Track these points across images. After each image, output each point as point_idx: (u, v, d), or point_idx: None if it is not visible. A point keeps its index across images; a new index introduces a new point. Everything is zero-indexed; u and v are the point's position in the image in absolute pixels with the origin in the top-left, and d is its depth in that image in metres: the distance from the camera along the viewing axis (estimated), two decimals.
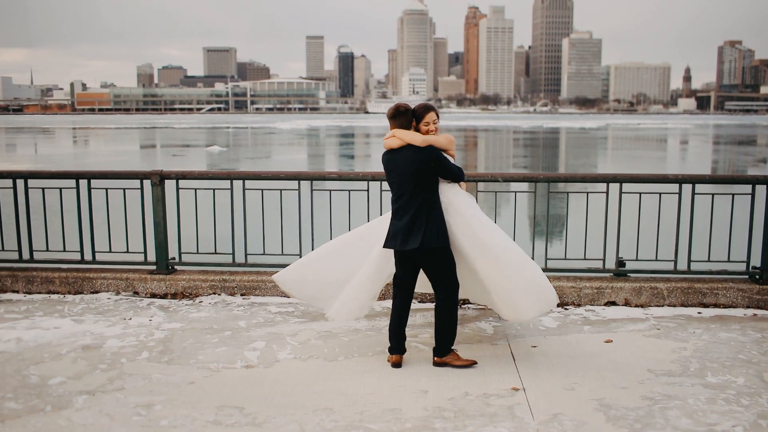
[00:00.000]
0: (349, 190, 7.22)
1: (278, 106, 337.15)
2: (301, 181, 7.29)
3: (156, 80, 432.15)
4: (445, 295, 5.13)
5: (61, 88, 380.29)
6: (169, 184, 7.33)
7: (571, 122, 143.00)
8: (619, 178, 6.96)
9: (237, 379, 4.99)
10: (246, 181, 7.27)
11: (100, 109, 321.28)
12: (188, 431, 4.18)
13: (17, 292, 7.37)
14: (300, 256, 7.30)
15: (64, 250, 7.51)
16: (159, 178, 7.21)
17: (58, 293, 7.33)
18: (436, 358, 5.19)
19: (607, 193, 7.02)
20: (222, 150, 49.25)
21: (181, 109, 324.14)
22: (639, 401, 4.57)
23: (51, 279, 7.35)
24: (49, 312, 6.63)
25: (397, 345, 5.24)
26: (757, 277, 6.95)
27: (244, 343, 5.75)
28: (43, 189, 7.42)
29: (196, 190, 7.37)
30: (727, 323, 6.31)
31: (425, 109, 5.19)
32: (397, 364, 5.19)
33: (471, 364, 5.16)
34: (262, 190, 7.30)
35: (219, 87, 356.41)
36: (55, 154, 46.48)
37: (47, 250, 7.53)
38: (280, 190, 7.31)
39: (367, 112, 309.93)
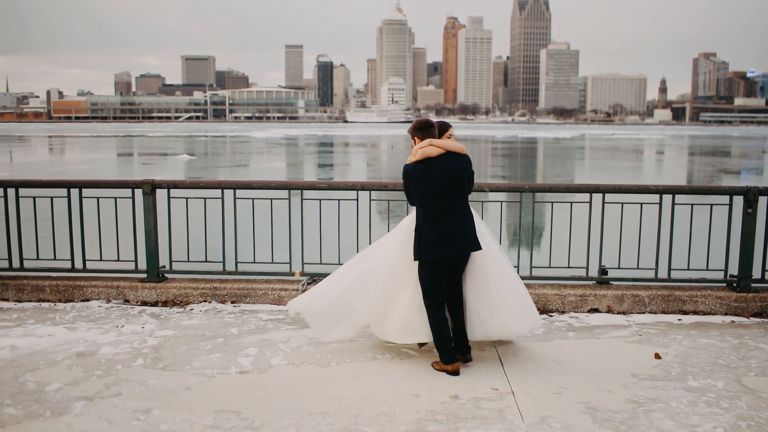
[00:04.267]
0: (339, 200, 7.36)
1: (257, 114, 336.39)
2: (291, 191, 7.41)
3: (134, 88, 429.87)
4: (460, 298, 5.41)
5: (37, 96, 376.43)
6: (161, 193, 7.42)
7: (546, 132, 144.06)
8: (601, 188, 7.15)
9: (232, 384, 5.08)
10: (236, 191, 7.38)
11: (77, 118, 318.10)
12: None
13: (7, 300, 7.40)
14: (289, 264, 7.42)
15: (55, 259, 7.56)
16: (150, 188, 7.30)
17: (48, 301, 7.37)
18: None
19: (590, 202, 7.20)
20: (191, 158, 49.20)
21: (159, 118, 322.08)
22: (624, 404, 4.74)
23: (41, 287, 7.40)
24: (41, 320, 6.68)
25: (462, 348, 5.44)
26: (735, 285, 7.16)
27: (237, 349, 5.84)
28: (34, 198, 7.47)
29: (187, 199, 7.45)
30: (706, 330, 6.50)
31: (446, 124, 5.51)
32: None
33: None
34: (252, 199, 7.41)
35: (197, 95, 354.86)
36: (20, 163, 46.13)
37: (38, 258, 7.57)
38: (270, 199, 7.42)
39: (346, 121, 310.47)
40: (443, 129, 5.48)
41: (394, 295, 5.55)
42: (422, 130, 5.29)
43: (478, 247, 5.28)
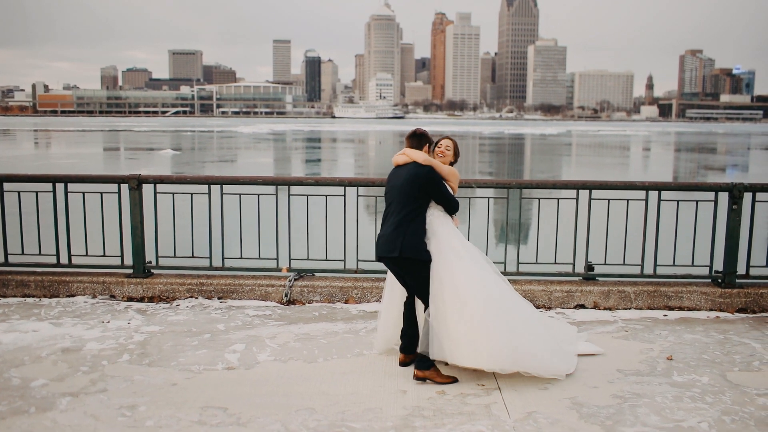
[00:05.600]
0: (326, 195, 7.35)
1: (244, 109, 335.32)
2: (278, 186, 7.40)
3: (120, 82, 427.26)
4: (425, 308, 5.17)
5: (23, 90, 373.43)
6: (147, 188, 7.38)
7: (533, 128, 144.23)
8: (588, 184, 7.17)
9: (219, 380, 5.07)
10: (223, 186, 7.35)
11: (63, 112, 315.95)
12: (174, 431, 4.26)
13: None
14: (276, 260, 7.41)
15: (40, 254, 7.50)
16: (137, 182, 7.26)
17: (33, 297, 7.32)
18: (417, 372, 5.08)
19: (576, 199, 7.22)
20: (176, 153, 48.99)
21: (146, 112, 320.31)
22: (609, 399, 4.77)
23: (26, 282, 7.34)
24: (26, 315, 6.64)
25: (408, 345, 5.35)
26: (720, 280, 7.21)
27: (223, 345, 5.83)
28: (19, 192, 7.40)
29: (173, 194, 7.42)
30: (691, 325, 6.54)
31: (442, 137, 5.58)
32: (403, 363, 5.34)
33: (452, 381, 5.08)
34: (239, 194, 7.38)
35: (184, 90, 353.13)
36: (5, 157, 45.77)
37: (22, 253, 7.51)
38: (258, 194, 7.40)
39: (334, 117, 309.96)
40: (437, 142, 5.56)
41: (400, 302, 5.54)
42: (408, 138, 5.42)
43: (393, 254, 5.04)
